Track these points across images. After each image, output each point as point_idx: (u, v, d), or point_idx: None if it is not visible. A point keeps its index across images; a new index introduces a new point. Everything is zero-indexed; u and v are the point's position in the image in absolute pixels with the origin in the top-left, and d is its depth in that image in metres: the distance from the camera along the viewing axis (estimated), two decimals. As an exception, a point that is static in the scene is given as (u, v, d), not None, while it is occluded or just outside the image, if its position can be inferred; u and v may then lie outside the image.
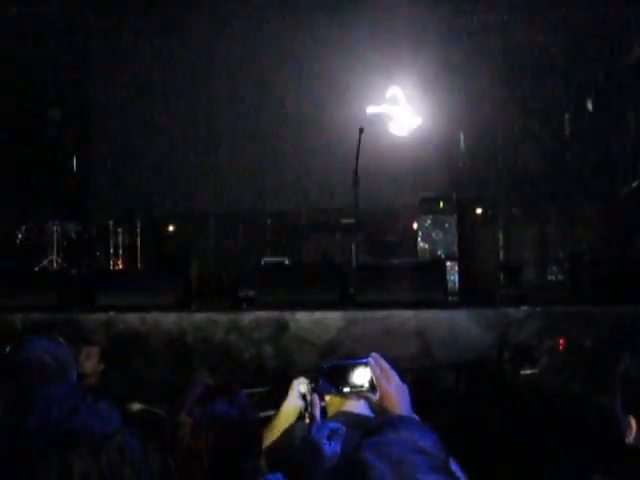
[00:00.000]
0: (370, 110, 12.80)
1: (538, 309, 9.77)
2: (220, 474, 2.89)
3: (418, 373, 8.75)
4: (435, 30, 13.42)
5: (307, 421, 4.14)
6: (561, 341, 9.13)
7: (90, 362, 7.64)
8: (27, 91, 14.50)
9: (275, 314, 9.99)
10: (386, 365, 3.20)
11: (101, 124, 14.52)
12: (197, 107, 13.75)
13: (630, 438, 2.61)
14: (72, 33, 14.29)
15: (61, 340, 4.17)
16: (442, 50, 13.44)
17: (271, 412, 4.56)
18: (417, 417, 3.03)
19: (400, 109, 13.19)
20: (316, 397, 3.63)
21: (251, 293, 11.32)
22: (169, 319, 10.24)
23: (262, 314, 10.13)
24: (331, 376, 3.52)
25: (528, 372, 8.54)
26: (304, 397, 4.16)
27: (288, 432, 4.19)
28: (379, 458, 1.84)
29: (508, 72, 13.40)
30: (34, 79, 14.56)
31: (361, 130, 11.26)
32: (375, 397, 3.28)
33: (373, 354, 3.25)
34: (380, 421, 2.83)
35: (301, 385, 4.20)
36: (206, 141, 13.47)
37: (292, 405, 4.24)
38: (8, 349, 3.81)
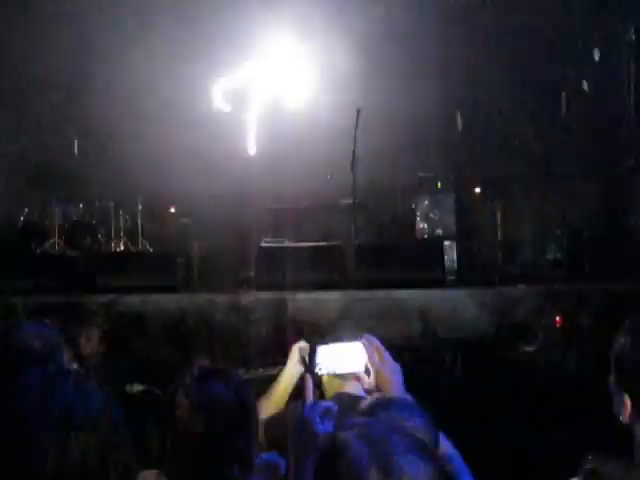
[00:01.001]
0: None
1: (536, 288, 9.81)
2: (215, 454, 2.95)
3: (417, 352, 8.79)
4: (431, 7, 13.38)
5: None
6: (558, 319, 9.17)
7: (90, 344, 7.68)
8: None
9: (274, 295, 10.04)
10: (379, 345, 3.22)
11: (101, 107, 14.49)
12: (197, 90, 13.71)
13: (625, 417, 2.63)
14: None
15: (50, 324, 4.18)
16: (439, 29, 13.41)
17: (275, 370, 4.59)
18: (410, 397, 3.08)
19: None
20: (309, 376, 3.65)
21: (251, 274, 11.36)
22: (169, 301, 10.30)
23: (262, 295, 10.18)
24: (324, 356, 3.55)
25: (526, 350, 8.59)
26: (304, 361, 4.17)
27: (284, 412, 4.21)
28: (358, 438, 1.87)
29: (504, 52, 13.35)
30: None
31: (359, 110, 11.28)
32: (368, 378, 3.32)
33: (366, 334, 3.27)
34: (370, 401, 2.89)
35: (302, 349, 4.21)
36: (203, 123, 13.43)
37: (292, 371, 4.25)
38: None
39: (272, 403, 4.18)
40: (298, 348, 4.21)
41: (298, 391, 4.24)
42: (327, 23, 12.99)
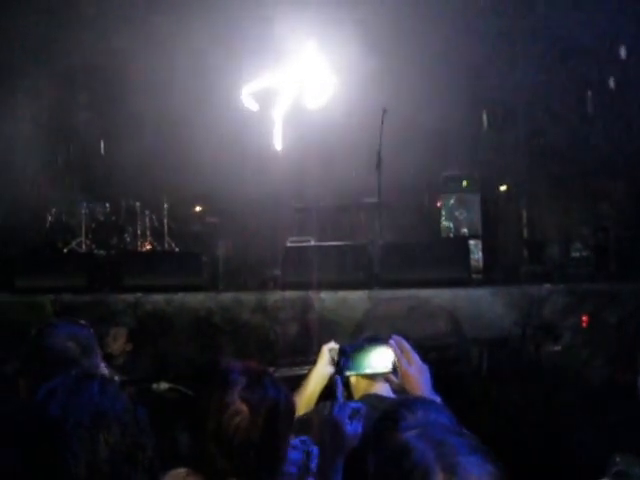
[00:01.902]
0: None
1: (561, 286, 9.78)
2: (269, 456, 2.90)
3: (443, 351, 8.78)
4: (456, 7, 13.35)
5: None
6: (584, 318, 9.14)
7: (118, 343, 7.72)
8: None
9: (300, 294, 10.05)
10: (407, 346, 3.24)
11: (128, 107, 14.55)
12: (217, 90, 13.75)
13: None
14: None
15: (85, 324, 4.21)
16: (465, 28, 13.38)
17: (304, 370, 4.58)
18: (437, 398, 3.09)
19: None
20: (338, 377, 3.65)
21: (277, 273, 11.38)
22: (195, 300, 10.33)
23: (288, 294, 10.19)
24: (353, 357, 3.56)
25: (551, 349, 8.57)
26: (334, 362, 4.17)
27: (313, 412, 4.22)
28: (420, 439, 1.90)
29: (530, 50, 13.31)
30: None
31: (384, 110, 11.28)
32: (396, 378, 3.32)
33: (394, 336, 3.28)
34: (395, 402, 2.90)
35: (332, 351, 4.21)
36: (229, 122, 13.45)
37: (322, 371, 4.24)
38: (33, 334, 3.84)
39: (302, 403, 4.18)
40: (328, 349, 4.20)
41: (327, 392, 4.25)
42: (353, 25, 12.99)
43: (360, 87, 12.87)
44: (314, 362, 4.29)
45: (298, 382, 4.33)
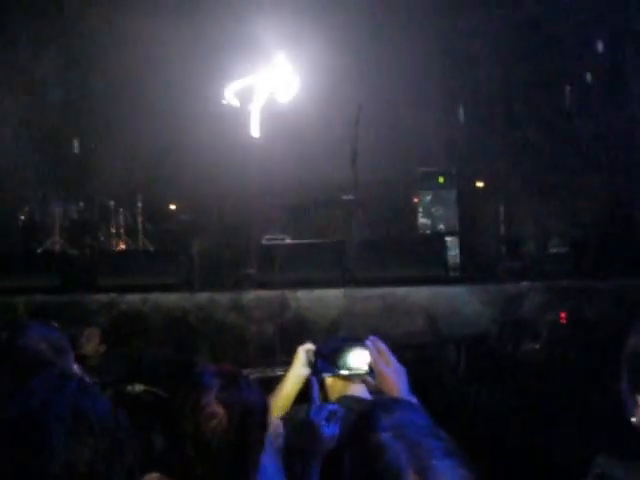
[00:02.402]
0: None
1: (539, 284, 9.76)
2: (244, 458, 2.85)
3: (419, 350, 8.75)
4: (433, 2, 13.36)
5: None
6: (562, 315, 9.12)
7: (91, 344, 7.63)
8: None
9: (276, 293, 10.00)
10: (384, 347, 3.20)
11: (101, 105, 14.47)
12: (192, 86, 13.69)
13: (638, 419, 2.56)
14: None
15: (57, 326, 4.15)
16: (440, 23, 13.37)
17: (279, 372, 4.52)
18: (414, 399, 3.03)
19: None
20: (314, 379, 3.60)
21: (252, 272, 11.32)
22: (170, 299, 10.27)
23: (263, 293, 10.14)
24: (329, 358, 3.51)
25: (530, 347, 8.54)
26: (310, 364, 4.11)
27: (290, 415, 4.16)
28: (396, 440, 1.87)
29: (508, 44, 13.31)
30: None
31: (360, 107, 11.25)
32: (373, 380, 3.27)
33: (371, 336, 3.25)
34: (372, 402, 2.84)
35: (308, 352, 4.15)
36: (203, 120, 13.40)
37: (298, 373, 4.18)
38: (5, 335, 3.80)
39: (277, 406, 4.13)
40: (304, 350, 4.15)
41: (303, 394, 4.20)
42: (327, 21, 12.97)
43: (336, 84, 12.84)
44: (289, 363, 4.24)
45: (273, 384, 4.27)
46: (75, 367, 6.69)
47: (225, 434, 2.78)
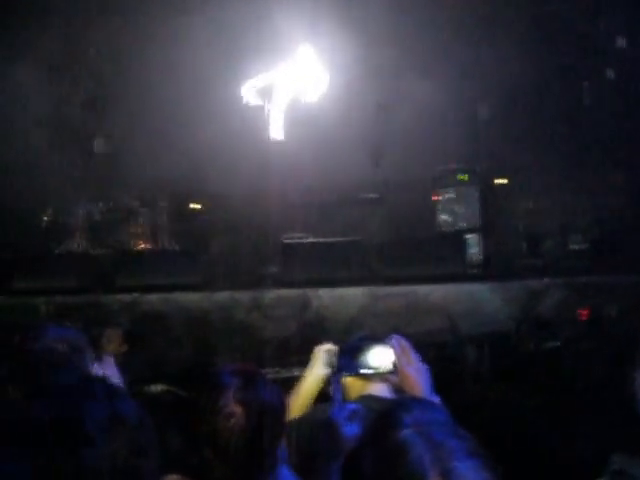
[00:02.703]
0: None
1: (560, 280, 9.71)
2: (264, 458, 2.85)
3: (440, 348, 8.73)
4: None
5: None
6: (583, 312, 9.07)
7: (112, 344, 7.63)
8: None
9: (298, 292, 9.99)
10: (407, 346, 3.17)
11: (123, 105, 14.50)
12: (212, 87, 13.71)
13: None
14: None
15: (72, 326, 4.16)
16: (460, 18, 13.33)
17: (297, 372, 4.51)
18: (436, 398, 3.02)
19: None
20: (335, 378, 3.59)
21: (274, 270, 11.32)
22: (191, 299, 10.27)
23: (284, 292, 10.13)
24: (351, 357, 3.50)
25: (550, 345, 8.50)
26: (330, 364, 4.10)
27: (310, 414, 4.15)
28: (420, 437, 1.86)
29: (527, 40, 13.24)
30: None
31: (381, 106, 11.24)
32: (395, 378, 3.26)
33: (395, 335, 3.23)
34: (393, 402, 2.83)
35: (328, 352, 4.13)
36: (224, 118, 13.40)
37: (317, 373, 4.18)
38: (21, 337, 3.81)
39: (297, 405, 4.12)
40: (323, 350, 4.14)
41: (323, 393, 4.19)
42: (350, 21, 12.96)
43: (357, 82, 12.83)
44: (308, 362, 4.24)
45: (292, 384, 4.27)
46: (95, 366, 6.75)
47: (243, 433, 2.78)
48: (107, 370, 6.54)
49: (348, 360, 3.52)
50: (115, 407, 2.03)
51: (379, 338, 3.49)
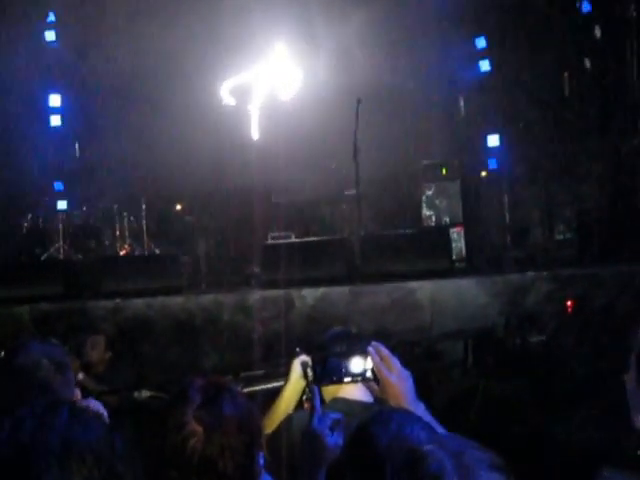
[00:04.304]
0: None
1: (545, 273, 9.70)
2: (233, 476, 2.71)
3: (426, 344, 8.72)
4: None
5: (306, 407, 4.06)
6: (569, 303, 9.07)
7: (96, 351, 7.61)
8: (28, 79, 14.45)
9: (281, 292, 9.95)
10: (386, 352, 3.12)
11: (101, 107, 14.42)
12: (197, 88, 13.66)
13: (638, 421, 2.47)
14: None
15: (57, 343, 4.12)
16: (438, 14, 13.32)
17: (279, 383, 4.48)
18: (421, 405, 2.97)
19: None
20: (315, 387, 3.54)
21: (257, 271, 11.28)
22: (176, 302, 10.23)
23: (268, 293, 10.09)
24: (330, 366, 3.46)
25: (536, 339, 8.50)
26: (306, 376, 4.07)
27: (286, 423, 4.12)
28: (440, 449, 1.85)
29: (504, 32, 13.25)
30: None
31: (359, 100, 11.20)
32: (376, 386, 3.22)
33: (372, 342, 3.17)
34: (370, 415, 2.78)
35: (304, 364, 4.10)
36: (205, 120, 13.37)
37: (295, 387, 4.16)
38: (4, 353, 3.77)
39: (275, 419, 4.09)
40: (300, 362, 4.10)
41: (299, 405, 4.17)
42: (326, 13, 12.93)
43: (336, 78, 12.80)
44: (286, 372, 4.21)
45: (270, 396, 4.24)
46: (80, 376, 6.69)
47: (206, 453, 2.65)
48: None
49: (327, 370, 3.47)
50: (71, 436, 1.97)
51: (359, 346, 3.45)
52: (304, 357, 4.09)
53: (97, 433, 2.03)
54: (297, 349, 4.16)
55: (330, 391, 3.95)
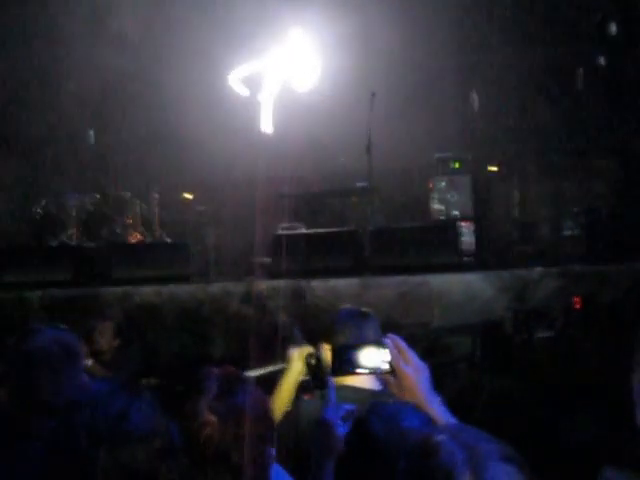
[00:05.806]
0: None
1: (553, 269, 9.69)
2: (245, 466, 2.75)
3: (432, 338, 8.72)
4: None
5: (307, 396, 4.09)
6: (577, 300, 9.05)
7: (105, 338, 7.63)
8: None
9: (291, 282, 9.97)
10: (403, 345, 3.12)
11: (115, 96, 14.45)
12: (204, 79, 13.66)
13: None
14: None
15: (67, 329, 4.15)
16: (453, 9, 13.31)
17: (274, 367, 4.52)
18: (437, 397, 2.98)
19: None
20: (330, 379, 3.56)
21: (266, 261, 11.29)
22: (185, 291, 10.26)
23: (277, 283, 10.11)
24: (347, 357, 3.47)
25: (544, 334, 8.49)
26: (309, 367, 4.09)
27: (294, 411, 4.14)
28: (452, 440, 1.87)
29: (519, 28, 13.23)
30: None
31: (373, 94, 11.21)
32: (393, 379, 3.23)
33: (390, 335, 3.17)
34: (366, 409, 2.81)
35: (309, 356, 4.12)
36: (217, 110, 13.36)
37: (297, 379, 4.19)
38: (15, 339, 3.76)
39: (277, 406, 4.12)
40: (300, 354, 4.14)
41: (300, 392, 4.20)
42: (342, 8, 12.91)
43: (349, 71, 12.80)
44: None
45: (273, 381, 4.28)
46: (89, 363, 6.72)
47: (220, 442, 2.70)
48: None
49: (344, 360, 3.49)
50: (128, 418, 2.08)
51: (376, 337, 3.46)
52: (309, 349, 4.11)
53: (153, 417, 2.17)
54: (294, 330, 4.17)
55: (338, 379, 3.98)
